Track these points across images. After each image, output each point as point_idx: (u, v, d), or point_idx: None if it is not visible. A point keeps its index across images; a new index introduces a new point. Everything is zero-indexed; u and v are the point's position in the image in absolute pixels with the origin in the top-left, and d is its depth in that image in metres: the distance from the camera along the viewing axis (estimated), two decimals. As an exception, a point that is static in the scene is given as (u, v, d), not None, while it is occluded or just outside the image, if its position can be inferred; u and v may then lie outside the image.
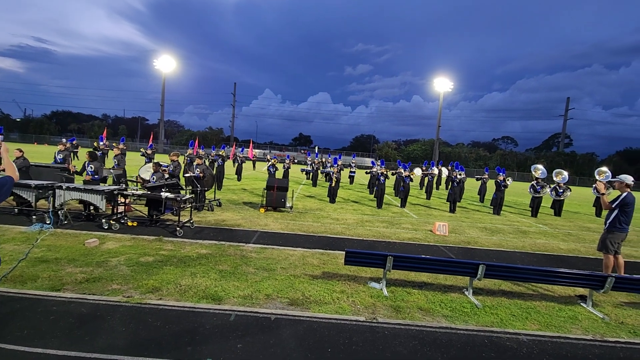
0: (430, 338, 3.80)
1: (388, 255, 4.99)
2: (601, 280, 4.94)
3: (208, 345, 3.30)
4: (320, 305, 4.39)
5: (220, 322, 3.77)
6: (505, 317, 4.53)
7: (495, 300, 5.11)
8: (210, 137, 77.66)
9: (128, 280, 4.69)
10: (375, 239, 8.30)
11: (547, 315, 4.72)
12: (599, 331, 4.35)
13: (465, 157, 71.55)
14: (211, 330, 3.58)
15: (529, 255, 8.05)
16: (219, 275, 5.10)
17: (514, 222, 12.53)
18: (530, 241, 9.50)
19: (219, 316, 3.89)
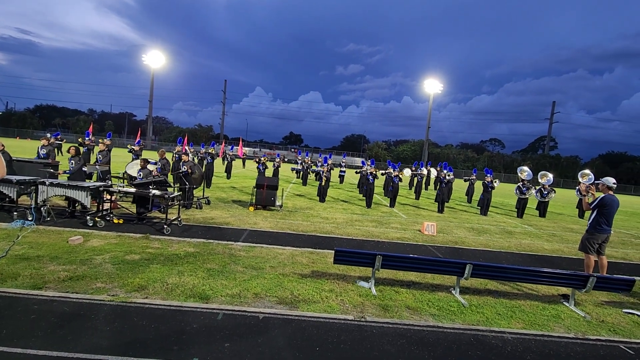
0: (418, 337, 3.83)
1: (377, 254, 5.01)
2: (583, 280, 5.06)
3: (195, 345, 3.25)
4: (308, 304, 4.38)
5: (208, 321, 3.72)
6: (491, 315, 4.60)
7: (482, 299, 5.18)
8: (199, 134, 76.89)
9: (113, 278, 4.59)
10: (364, 238, 8.33)
11: (531, 314, 4.80)
12: (580, 329, 4.45)
13: (454, 158, 72.48)
14: (198, 329, 3.53)
15: (515, 255, 8.19)
16: (207, 274, 5.05)
17: (501, 223, 12.74)
18: (515, 241, 9.67)
19: (206, 315, 3.85)
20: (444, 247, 8.24)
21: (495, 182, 14.79)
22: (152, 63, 56.96)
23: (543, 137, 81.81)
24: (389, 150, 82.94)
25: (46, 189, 7.16)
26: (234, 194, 13.70)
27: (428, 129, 56.36)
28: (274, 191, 10.63)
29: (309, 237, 7.91)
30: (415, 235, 9.14)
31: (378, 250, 7.13)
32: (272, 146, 78.59)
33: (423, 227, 9.64)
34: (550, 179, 15.89)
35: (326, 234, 8.35)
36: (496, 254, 8.08)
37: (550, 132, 76.02)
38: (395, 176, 14.02)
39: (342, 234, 8.58)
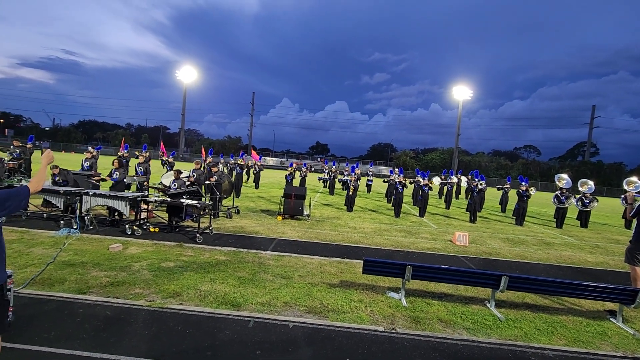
0: (452, 350, 3.70)
1: (407, 264, 4.92)
2: (632, 294, 4.71)
3: (228, 351, 3.32)
4: (338, 314, 4.36)
5: (240, 328, 3.79)
6: (530, 331, 4.37)
7: (519, 313, 4.94)
8: (228, 145, 79.16)
9: (150, 284, 4.79)
10: (393, 248, 8.20)
11: (574, 330, 4.52)
12: (629, 348, 4.13)
13: (486, 166, 70.12)
14: (230, 336, 3.61)
15: (554, 267, 7.76)
16: (238, 282, 5.15)
17: (538, 233, 12.13)
18: (555, 253, 9.17)
19: (238, 322, 3.92)
20: (477, 258, 7.95)
21: (530, 190, 14.15)
22: (184, 78, 59.60)
23: (583, 143, 77.61)
24: (417, 158, 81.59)
25: (89, 199, 7.62)
26: (262, 204, 13.93)
27: (458, 136, 55.00)
28: (302, 201, 10.72)
29: (337, 247, 7.89)
30: (447, 246, 8.89)
31: (408, 260, 6.99)
32: (299, 156, 79.52)
33: (454, 238, 9.36)
34: (591, 187, 15.00)
35: (354, 244, 8.30)
36: (534, 266, 7.69)
37: (591, 138, 72.01)
38: (424, 185, 13.76)
39: (371, 243, 8.49)
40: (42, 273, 4.87)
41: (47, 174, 4.31)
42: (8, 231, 6.94)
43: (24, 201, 2.40)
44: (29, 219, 8.13)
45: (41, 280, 4.66)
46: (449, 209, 17.15)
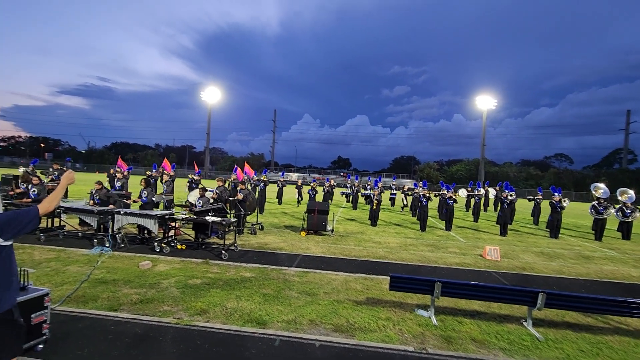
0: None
1: (436, 281, 4.75)
2: (689, 313, 4.32)
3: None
4: (365, 333, 4.24)
5: (266, 347, 3.76)
6: (572, 352, 4.08)
7: (560, 333, 4.63)
8: (251, 162, 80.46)
9: (178, 302, 4.86)
10: (420, 264, 7.96)
11: (621, 351, 4.18)
12: (691, 374, 3.76)
13: (515, 176, 67.72)
14: (257, 354, 3.57)
15: (595, 283, 7.28)
16: (263, 299, 5.13)
17: (575, 247, 11.47)
18: (595, 267, 8.61)
19: (264, 341, 3.89)
20: (510, 274, 7.58)
21: (564, 201, 13.49)
22: (209, 99, 61.78)
23: (619, 150, 73.52)
24: (441, 170, 79.93)
25: (121, 218, 7.91)
26: (285, 220, 13.99)
27: (483, 146, 53.62)
28: (325, 216, 10.68)
29: (362, 263, 7.75)
30: (477, 261, 8.54)
31: (436, 276, 6.77)
32: (321, 171, 79.79)
33: (485, 252, 8.99)
34: (632, 196, 14.11)
35: (379, 259, 8.13)
36: (573, 282, 7.24)
37: (627, 144, 68.27)
38: (449, 197, 13.40)
39: (396, 259, 8.29)
40: (77, 291, 5.05)
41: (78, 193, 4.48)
42: (46, 250, 7.28)
43: (32, 222, 2.35)
44: (65, 238, 8.52)
45: (76, 297, 4.83)
46: (478, 221, 16.58)
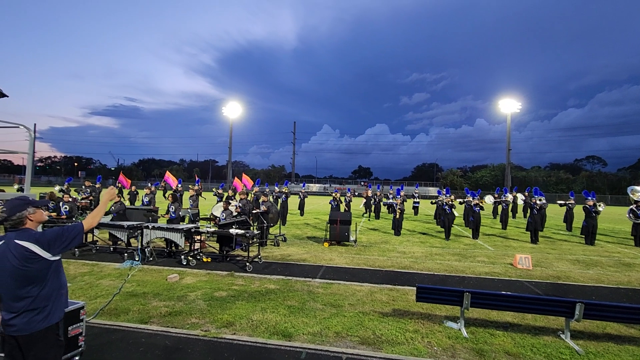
0: (525, 389, 3.32)
1: (465, 291, 4.60)
2: None
3: (281, 383, 3.26)
4: (393, 346, 4.14)
5: (292, 359, 3.73)
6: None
7: (601, 345, 4.36)
8: (272, 174, 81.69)
9: (205, 314, 4.93)
10: (447, 274, 7.74)
11: (675, 367, 3.88)
12: None
13: (544, 181, 65.17)
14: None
15: (638, 292, 6.82)
16: (288, 311, 5.12)
17: (614, 253, 10.83)
18: (637, 275, 8.08)
19: (290, 353, 3.87)
20: (543, 283, 7.24)
21: (599, 205, 12.82)
22: (230, 114, 63.22)
23: (656, 150, 69.43)
24: (465, 177, 78.07)
25: (149, 232, 8.16)
26: (308, 231, 14.00)
27: (509, 151, 51.95)
28: (348, 226, 10.62)
29: (386, 273, 7.62)
30: (507, 270, 8.22)
31: (464, 286, 6.56)
32: (342, 181, 79.62)
33: (515, 260, 8.64)
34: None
35: (404, 269, 7.97)
36: (613, 291, 6.83)
37: (666, 143, 64.39)
38: (475, 205, 13.03)
39: (422, 268, 8.10)
40: (110, 304, 5.21)
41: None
42: (81, 264, 7.59)
43: (78, 237, 2.44)
44: (98, 252, 8.86)
45: (109, 310, 4.99)
46: (506, 229, 16.00)
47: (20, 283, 2.21)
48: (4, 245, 2.23)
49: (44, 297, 2.29)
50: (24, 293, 2.23)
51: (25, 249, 2.20)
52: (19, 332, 2.23)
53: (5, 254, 2.20)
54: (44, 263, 2.27)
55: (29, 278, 2.23)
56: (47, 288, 2.31)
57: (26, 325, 2.24)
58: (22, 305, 2.23)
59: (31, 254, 2.21)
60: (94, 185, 16.45)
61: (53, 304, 2.36)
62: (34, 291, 2.25)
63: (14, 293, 2.22)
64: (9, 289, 2.22)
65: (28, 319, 2.24)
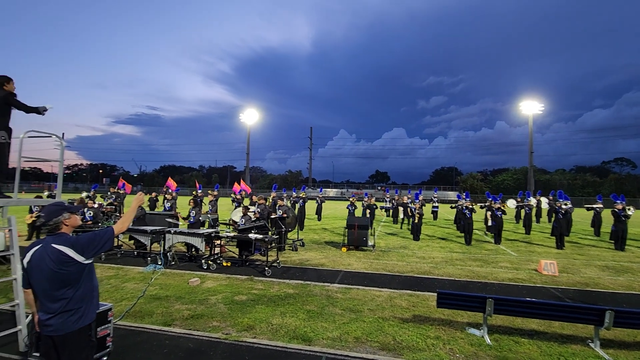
0: (553, 399, 3.21)
1: (487, 297, 4.50)
2: None
3: (302, 387, 3.27)
4: (414, 352, 4.09)
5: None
6: (654, 379, 3.64)
7: (632, 354, 4.17)
8: (289, 179, 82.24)
9: (226, 317, 5.00)
10: (468, 279, 7.58)
11: None
12: None
13: (569, 184, 62.93)
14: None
15: (676, 300, 6.48)
16: (307, 316, 5.14)
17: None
18: (673, 283, 7.68)
19: (311, 358, 3.88)
20: (570, 290, 6.98)
21: (629, 209, 12.27)
22: (247, 120, 64.17)
23: (691, 150, 65.96)
24: (485, 181, 76.30)
25: (171, 237, 8.37)
26: (325, 235, 14.00)
27: (531, 153, 50.50)
28: (366, 231, 10.56)
29: (406, 278, 7.53)
30: (532, 276, 7.97)
31: (486, 292, 6.41)
32: (359, 186, 79.28)
33: (540, 266, 8.37)
34: None
35: (424, 275, 7.85)
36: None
37: (702, 143, 61.12)
38: (497, 209, 12.73)
39: (442, 274, 7.96)
40: (134, 306, 5.37)
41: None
42: (107, 268, 7.85)
43: (109, 241, 2.52)
44: (123, 256, 9.14)
45: (134, 312, 5.14)
46: (530, 234, 15.52)
47: (56, 285, 2.33)
48: (41, 249, 2.35)
49: (78, 299, 2.40)
50: (59, 295, 2.34)
51: (61, 252, 2.32)
52: (55, 333, 2.34)
53: (43, 257, 2.32)
54: (78, 266, 2.38)
55: (64, 280, 2.34)
56: (81, 290, 2.42)
57: (61, 325, 2.35)
58: (58, 306, 2.34)
59: (67, 257, 2.33)
60: (118, 191, 17.01)
61: (86, 306, 2.47)
62: (68, 293, 2.36)
63: (50, 295, 2.34)
64: (45, 291, 2.34)
65: (63, 320, 2.35)
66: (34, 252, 2.37)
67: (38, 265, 2.32)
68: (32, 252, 2.38)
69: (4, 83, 4.22)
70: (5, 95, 4.17)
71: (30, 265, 2.36)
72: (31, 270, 2.36)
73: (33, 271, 2.35)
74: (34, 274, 2.35)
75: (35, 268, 2.33)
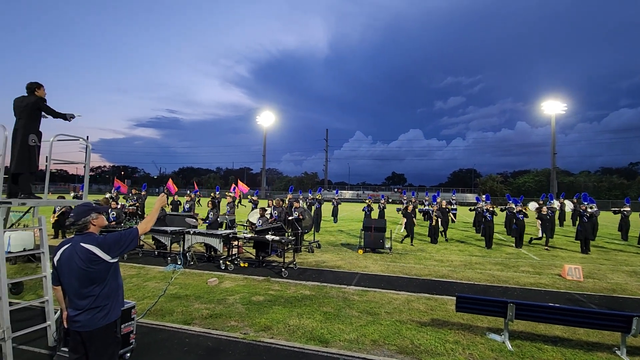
0: (578, 409, 3.11)
1: (509, 302, 4.39)
2: None
3: (319, 389, 3.28)
4: (432, 356, 4.03)
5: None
6: (688, 391, 3.47)
7: (668, 367, 3.98)
8: (305, 181, 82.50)
9: (243, 317, 5.07)
10: (488, 284, 7.41)
11: None
12: None
13: (594, 186, 60.69)
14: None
15: None
16: (324, 317, 5.15)
17: (679, 265, 9.85)
18: None
19: (328, 359, 3.88)
20: (596, 296, 6.73)
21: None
22: (264, 122, 64.89)
23: None
24: (505, 183, 74.43)
25: (190, 237, 8.54)
26: (342, 237, 13.97)
27: (554, 155, 49.00)
28: (382, 233, 10.49)
29: (423, 281, 7.44)
30: (555, 281, 7.73)
31: (507, 297, 6.25)
32: (375, 188, 78.73)
33: (564, 271, 8.11)
34: None
35: (442, 278, 7.73)
36: (680, 307, 6.21)
37: None
38: (518, 212, 12.41)
39: (461, 278, 7.82)
40: (155, 305, 5.51)
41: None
42: (129, 267, 8.08)
43: (134, 241, 2.62)
44: (144, 256, 9.39)
45: (155, 311, 5.28)
46: (553, 237, 15.05)
47: (84, 283, 2.43)
48: (70, 248, 2.46)
49: (104, 296, 2.50)
50: (87, 292, 2.44)
51: (89, 251, 2.42)
52: (83, 328, 2.44)
53: (72, 255, 2.42)
54: (105, 265, 2.47)
55: (91, 278, 2.44)
56: (107, 288, 2.52)
57: (89, 322, 2.44)
58: (86, 303, 2.44)
59: (94, 256, 2.43)
60: (140, 192, 17.49)
61: (112, 303, 2.56)
62: (96, 290, 2.46)
63: (78, 292, 2.44)
64: (74, 288, 2.45)
65: (91, 316, 2.45)
66: (63, 250, 2.48)
67: (67, 263, 2.43)
68: (62, 250, 2.48)
69: (35, 89, 4.44)
70: (36, 100, 4.38)
71: (60, 263, 2.47)
72: (61, 268, 2.47)
73: (63, 269, 2.46)
74: (64, 271, 2.46)
75: (65, 266, 2.44)
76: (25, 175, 4.40)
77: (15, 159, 4.31)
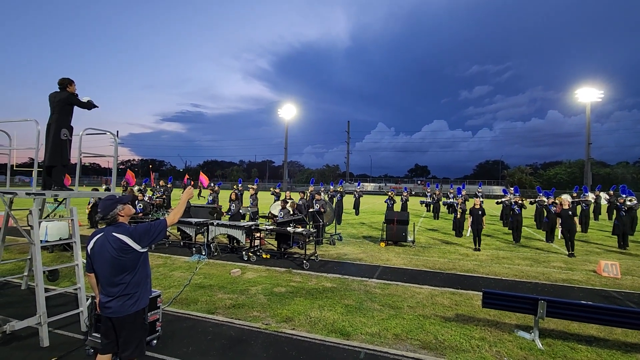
0: (616, 413, 2.93)
1: (539, 299, 4.20)
2: None
3: (340, 382, 3.26)
4: (457, 353, 3.92)
5: (351, 358, 3.72)
6: None
7: None
8: (327, 173, 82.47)
9: (265, 308, 5.12)
10: (517, 279, 7.15)
11: None
12: None
13: (633, 178, 57.25)
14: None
15: None
16: (345, 310, 5.12)
17: None
18: None
19: (349, 352, 3.86)
20: (635, 294, 6.35)
21: None
22: (285, 115, 65.15)
23: None
24: (535, 174, 71.49)
25: (214, 228, 8.71)
26: (363, 230, 13.88)
27: (589, 145, 46.48)
28: (405, 226, 10.32)
29: (448, 276, 7.26)
30: (589, 278, 7.35)
31: (537, 293, 6.00)
32: (398, 180, 77.64)
33: (600, 267, 7.70)
34: None
35: (468, 273, 7.52)
36: None
37: None
38: (550, 205, 11.86)
39: (488, 273, 7.58)
40: (181, 294, 5.66)
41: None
42: (156, 257, 8.35)
43: (162, 232, 2.71)
44: (170, 246, 9.68)
45: (180, 299, 5.42)
46: (587, 232, 14.33)
47: (116, 271, 2.52)
48: (103, 237, 2.55)
49: (134, 284, 2.59)
50: (118, 280, 2.53)
51: (121, 241, 2.51)
52: (114, 315, 2.54)
53: (104, 244, 2.52)
54: (135, 254, 2.56)
55: (123, 267, 2.53)
56: (137, 276, 2.61)
57: (120, 308, 2.54)
58: (117, 290, 2.54)
59: (126, 245, 2.51)
60: (167, 185, 18.02)
61: (141, 291, 2.65)
62: (126, 278, 2.55)
63: (110, 279, 2.53)
64: (106, 276, 2.54)
65: (122, 303, 2.54)
66: (96, 239, 2.57)
67: (100, 251, 2.52)
68: (95, 239, 2.58)
69: (67, 85, 4.59)
70: (68, 96, 4.54)
71: (93, 251, 2.57)
72: (94, 256, 2.56)
73: (96, 257, 2.56)
74: (97, 259, 2.55)
75: (98, 254, 2.54)
76: (58, 168, 4.59)
77: (49, 152, 4.50)
